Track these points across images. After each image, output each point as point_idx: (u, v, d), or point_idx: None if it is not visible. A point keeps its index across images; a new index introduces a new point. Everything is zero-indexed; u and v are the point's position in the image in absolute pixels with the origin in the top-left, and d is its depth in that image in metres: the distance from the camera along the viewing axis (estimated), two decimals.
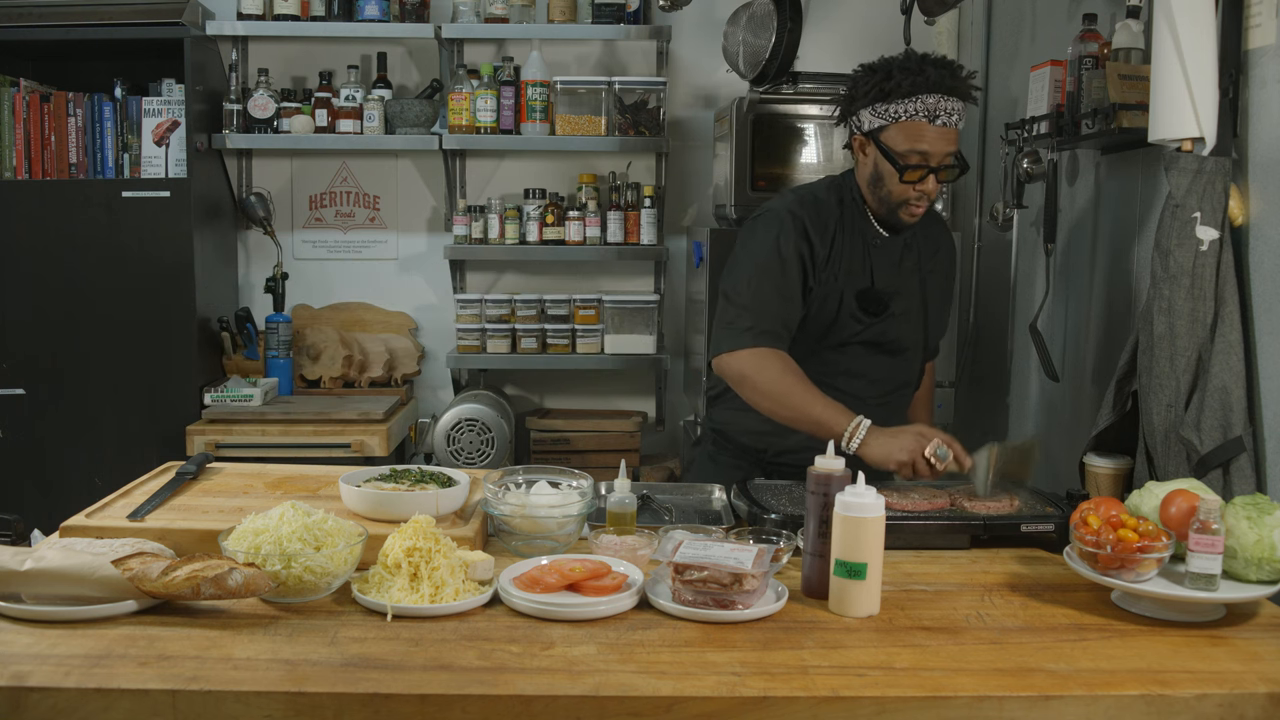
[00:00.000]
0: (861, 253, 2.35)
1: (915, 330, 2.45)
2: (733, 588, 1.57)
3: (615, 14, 3.74)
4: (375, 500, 1.85)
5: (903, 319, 2.40)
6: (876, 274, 2.35)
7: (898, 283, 2.38)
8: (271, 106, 3.70)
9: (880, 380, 2.40)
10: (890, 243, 2.38)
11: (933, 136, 2.20)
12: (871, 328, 2.35)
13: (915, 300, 2.43)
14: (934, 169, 2.22)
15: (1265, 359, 2.04)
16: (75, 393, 3.49)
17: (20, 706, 1.33)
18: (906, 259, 2.41)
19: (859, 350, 2.37)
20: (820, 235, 2.31)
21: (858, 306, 2.32)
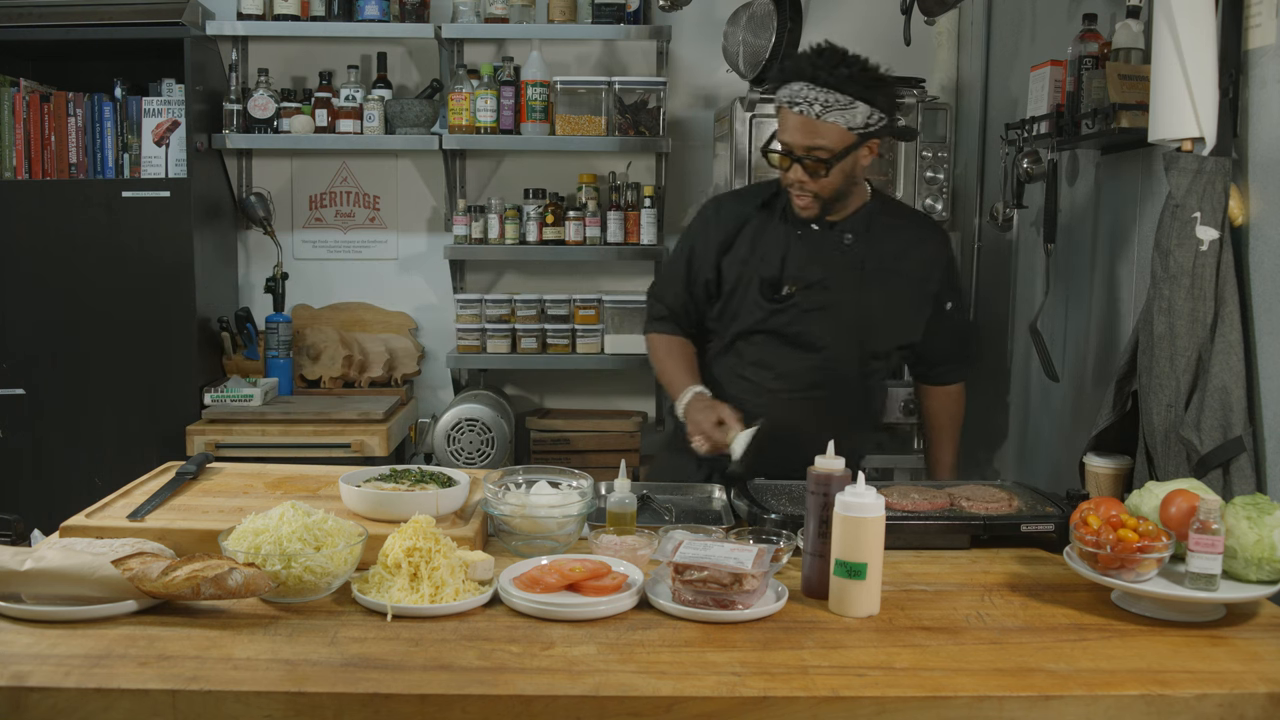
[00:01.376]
0: (781, 242, 2.34)
1: (839, 329, 2.35)
2: (733, 588, 1.57)
3: (615, 14, 3.74)
4: (375, 500, 1.85)
5: (818, 314, 2.33)
6: (790, 263, 2.32)
7: (817, 275, 2.32)
8: (271, 106, 3.70)
9: (790, 375, 2.36)
10: (821, 236, 2.33)
11: (790, 125, 2.19)
12: (775, 317, 2.33)
13: (847, 299, 2.35)
14: (797, 158, 2.20)
15: (1265, 359, 2.04)
16: (75, 393, 3.49)
17: (20, 706, 1.33)
18: (842, 256, 2.34)
19: (766, 341, 2.36)
20: (730, 224, 2.39)
21: (758, 292, 2.33)
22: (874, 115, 2.22)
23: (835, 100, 2.16)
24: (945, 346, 2.52)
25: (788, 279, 2.32)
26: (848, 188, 2.29)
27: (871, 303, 2.36)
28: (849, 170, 2.26)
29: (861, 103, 2.19)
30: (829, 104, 2.16)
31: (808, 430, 2.28)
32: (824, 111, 2.16)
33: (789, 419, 2.29)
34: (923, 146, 3.31)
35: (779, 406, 2.29)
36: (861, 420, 2.50)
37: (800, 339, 2.34)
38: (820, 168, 2.21)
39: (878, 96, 2.21)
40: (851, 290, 2.34)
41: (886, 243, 2.38)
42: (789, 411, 2.30)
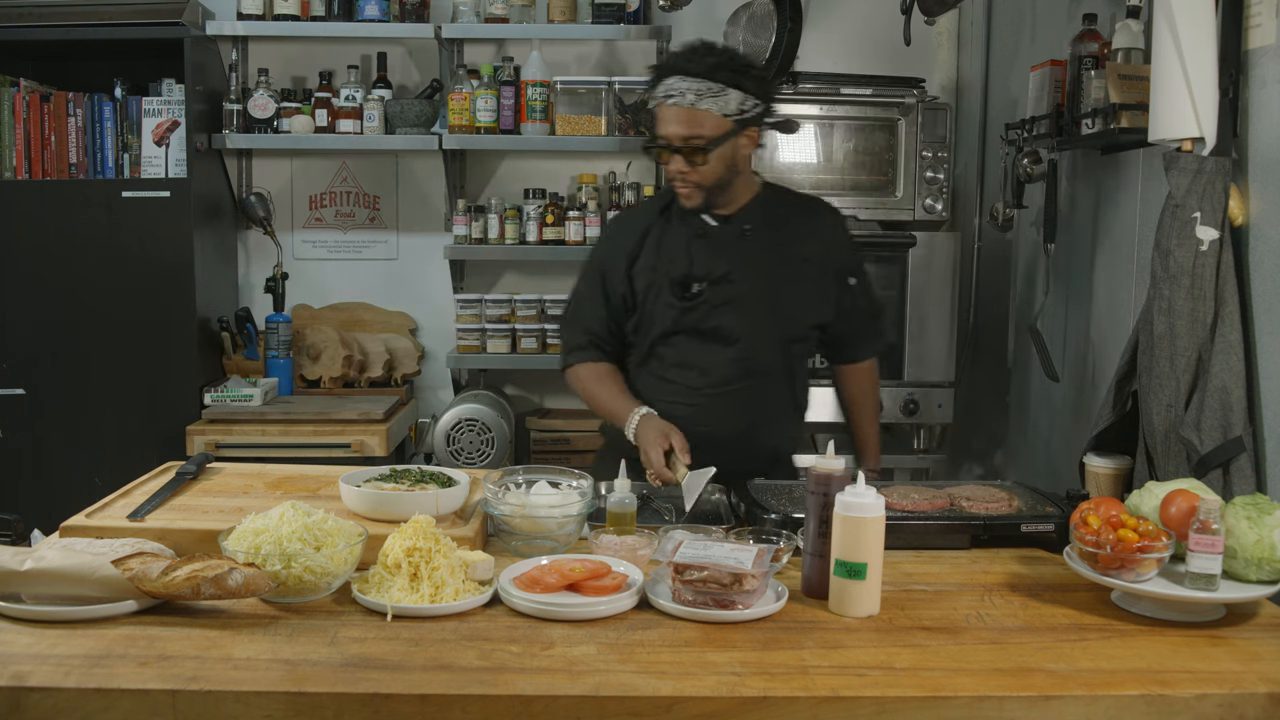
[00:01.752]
0: (684, 242, 2.38)
1: (752, 318, 2.38)
2: (733, 588, 1.57)
3: (615, 14, 3.74)
4: (375, 500, 1.85)
5: (729, 306, 2.36)
6: (695, 260, 2.37)
7: (724, 269, 2.36)
8: (271, 106, 3.70)
9: (713, 370, 2.38)
10: (723, 230, 2.38)
11: (667, 116, 2.25)
12: (688, 315, 2.37)
13: (755, 288, 2.38)
14: (676, 149, 2.26)
15: (1265, 359, 2.04)
16: (75, 393, 3.49)
17: (20, 706, 1.33)
18: (744, 247, 2.38)
19: (684, 340, 2.39)
20: (630, 236, 2.43)
21: (669, 294, 2.37)
22: (747, 101, 2.27)
23: (707, 88, 2.23)
24: (854, 324, 2.54)
25: (695, 276, 2.37)
26: (730, 176, 2.34)
27: (779, 288, 2.40)
28: (729, 158, 2.30)
29: (733, 89, 2.25)
30: (701, 92, 2.22)
31: (737, 424, 2.37)
32: (697, 100, 2.23)
33: (717, 415, 2.36)
34: (923, 146, 3.31)
35: (706, 404, 2.36)
36: (787, 408, 2.52)
37: (716, 333, 2.38)
38: (698, 155, 2.26)
39: (746, 82, 2.27)
40: (758, 279, 2.38)
41: (784, 228, 2.42)
42: (716, 407, 2.36)
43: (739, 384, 2.38)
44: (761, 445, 2.41)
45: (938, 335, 3.34)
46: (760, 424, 2.41)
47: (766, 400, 2.42)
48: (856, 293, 2.50)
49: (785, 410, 2.49)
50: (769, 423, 2.43)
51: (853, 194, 3.34)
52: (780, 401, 2.47)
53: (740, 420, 2.37)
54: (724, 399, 2.37)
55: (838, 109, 3.31)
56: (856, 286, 2.50)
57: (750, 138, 2.32)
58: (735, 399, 2.38)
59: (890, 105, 3.31)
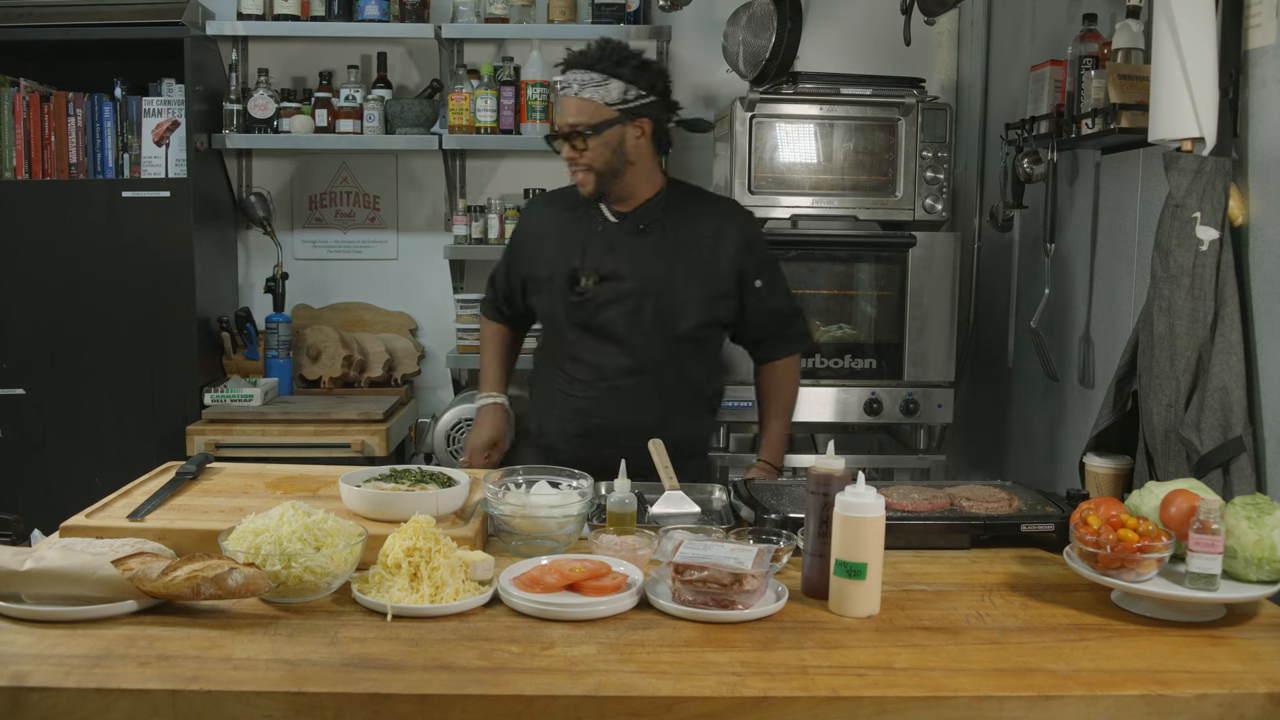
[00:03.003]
0: (582, 237, 2.47)
1: (638, 318, 2.43)
2: (733, 588, 1.57)
3: (615, 14, 3.74)
4: (375, 500, 1.85)
5: (615, 305, 2.43)
6: (588, 256, 2.45)
7: (611, 266, 2.43)
8: (271, 106, 3.70)
9: (599, 367, 2.46)
10: (619, 228, 2.46)
11: (559, 107, 2.43)
12: (576, 311, 2.45)
13: (642, 286, 2.43)
14: (563, 135, 2.39)
15: (1265, 359, 2.04)
16: (75, 393, 3.49)
17: (20, 706, 1.33)
18: (638, 245, 2.44)
19: (575, 335, 2.48)
20: (541, 222, 2.59)
21: (563, 284, 2.48)
22: (630, 91, 2.37)
23: (590, 78, 2.36)
24: (764, 324, 2.57)
25: (584, 272, 2.45)
26: (619, 166, 2.41)
27: (668, 288, 2.44)
28: (614, 145, 2.39)
29: (614, 79, 2.36)
30: (585, 82, 2.36)
31: (627, 419, 2.43)
32: (581, 89, 2.37)
33: (607, 409, 2.46)
34: (923, 146, 3.31)
35: (598, 397, 2.47)
36: (684, 403, 2.53)
37: (603, 331, 2.45)
38: (580, 141, 2.38)
39: (626, 72, 2.37)
40: (648, 279, 2.44)
41: (684, 227, 2.47)
42: (607, 401, 2.46)
43: (626, 380, 2.45)
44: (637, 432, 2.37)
45: (938, 335, 3.34)
46: (652, 419, 2.42)
47: (658, 396, 2.47)
48: (764, 295, 2.53)
49: (681, 405, 2.51)
50: (663, 418, 2.45)
51: (853, 194, 3.34)
52: (675, 397, 2.50)
53: (630, 416, 2.44)
54: (614, 394, 2.45)
55: (838, 109, 3.31)
56: (763, 289, 2.53)
57: (640, 129, 2.40)
58: (624, 395, 2.46)
59: (890, 105, 3.31)
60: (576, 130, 2.36)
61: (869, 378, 3.36)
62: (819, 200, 3.33)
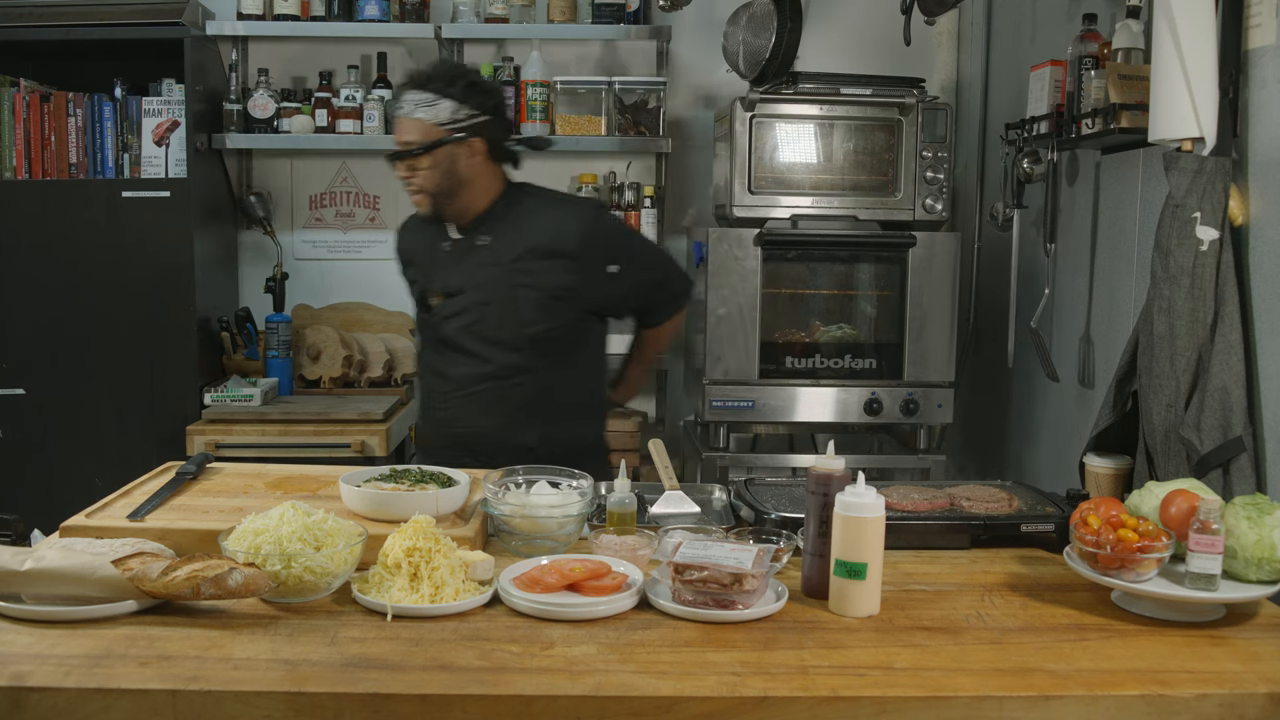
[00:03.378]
0: (432, 256, 2.54)
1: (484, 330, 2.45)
2: (733, 588, 1.57)
3: (615, 14, 3.74)
4: (375, 500, 1.85)
5: (460, 319, 2.47)
6: (435, 276, 2.52)
7: (458, 283, 2.48)
8: (271, 106, 3.70)
9: (454, 377, 2.52)
10: (463, 244, 2.50)
11: (398, 127, 2.42)
12: (428, 327, 2.57)
13: (484, 298, 2.45)
14: (398, 155, 2.40)
15: (1265, 359, 2.04)
16: (75, 393, 3.49)
17: (20, 706, 1.33)
18: (477, 259, 2.47)
19: (435, 348, 2.57)
20: (406, 247, 2.67)
21: (417, 307, 2.61)
22: (460, 111, 2.37)
23: (422, 98, 2.37)
24: (635, 303, 2.62)
25: (431, 292, 2.54)
26: (454, 186, 2.42)
27: (507, 295, 2.44)
28: (446, 165, 2.39)
29: (445, 99, 2.37)
30: (418, 102, 2.37)
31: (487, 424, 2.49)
32: (412, 109, 2.38)
33: (468, 415, 2.51)
34: (923, 146, 3.31)
35: (458, 405, 2.52)
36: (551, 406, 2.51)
37: (451, 344, 2.50)
38: (415, 161, 2.39)
39: (456, 91, 2.38)
40: (484, 288, 2.46)
41: (520, 233, 2.47)
42: (467, 409, 2.51)
43: (479, 387, 2.49)
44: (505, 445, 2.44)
45: (938, 335, 3.34)
46: (511, 423, 2.48)
47: (512, 400, 2.49)
48: (624, 277, 2.52)
49: (543, 408, 2.50)
50: (512, 423, 2.48)
51: (853, 194, 3.34)
52: (534, 400, 2.49)
53: (485, 421, 2.49)
54: (471, 401, 2.50)
55: (838, 109, 3.32)
56: (622, 272, 2.51)
57: (473, 148, 2.40)
58: (480, 401, 2.50)
59: (890, 105, 3.31)
60: (409, 150, 2.38)
61: (869, 378, 3.36)
62: (819, 200, 3.33)
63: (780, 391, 3.35)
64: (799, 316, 3.39)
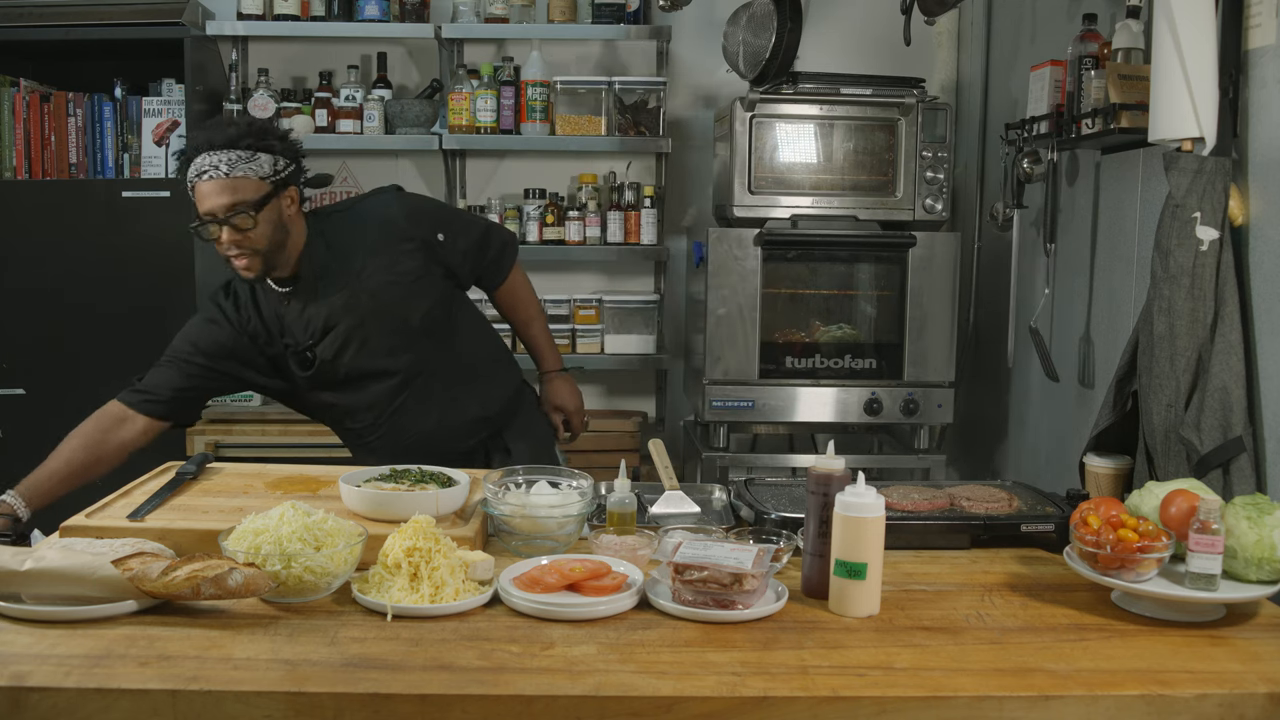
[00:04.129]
0: (281, 322, 2.39)
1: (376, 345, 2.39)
2: (733, 588, 1.57)
3: (615, 14, 3.74)
4: (375, 500, 1.85)
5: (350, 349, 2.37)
6: (296, 333, 2.38)
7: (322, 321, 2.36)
8: (271, 106, 3.70)
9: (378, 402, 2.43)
10: (299, 290, 2.38)
11: (203, 193, 2.24)
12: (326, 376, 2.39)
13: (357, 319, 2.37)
14: (222, 221, 2.25)
15: (1265, 359, 2.04)
16: (75, 393, 3.47)
17: (20, 706, 1.33)
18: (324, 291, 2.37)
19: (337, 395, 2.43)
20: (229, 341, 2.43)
21: (296, 367, 2.39)
22: (279, 162, 2.29)
23: (237, 156, 2.24)
24: (471, 262, 2.55)
25: (306, 345, 2.38)
26: (282, 238, 2.33)
27: (377, 300, 2.39)
28: (275, 220, 2.30)
29: (262, 153, 2.26)
30: (233, 161, 2.23)
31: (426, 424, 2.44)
32: (231, 168, 2.23)
33: (406, 431, 2.44)
34: (923, 146, 3.31)
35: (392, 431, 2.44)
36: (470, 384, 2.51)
37: (357, 376, 2.40)
38: (247, 221, 2.25)
39: (273, 143, 2.29)
40: (358, 310, 2.38)
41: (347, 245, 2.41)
42: (402, 426, 2.44)
43: (401, 398, 2.43)
44: (462, 427, 2.46)
45: (938, 335, 3.34)
46: (449, 413, 2.46)
47: (441, 391, 2.46)
48: (451, 243, 2.49)
49: (470, 388, 2.50)
50: (458, 407, 2.47)
51: (853, 194, 3.34)
52: (457, 383, 2.49)
53: (429, 418, 2.44)
54: (402, 414, 2.43)
55: (838, 109, 3.32)
56: (447, 238, 2.49)
57: (291, 197, 2.33)
58: (411, 408, 2.43)
59: (890, 105, 3.31)
60: (238, 210, 2.23)
61: (869, 378, 3.36)
62: (819, 200, 3.33)
63: (780, 391, 3.35)
64: (799, 316, 3.39)
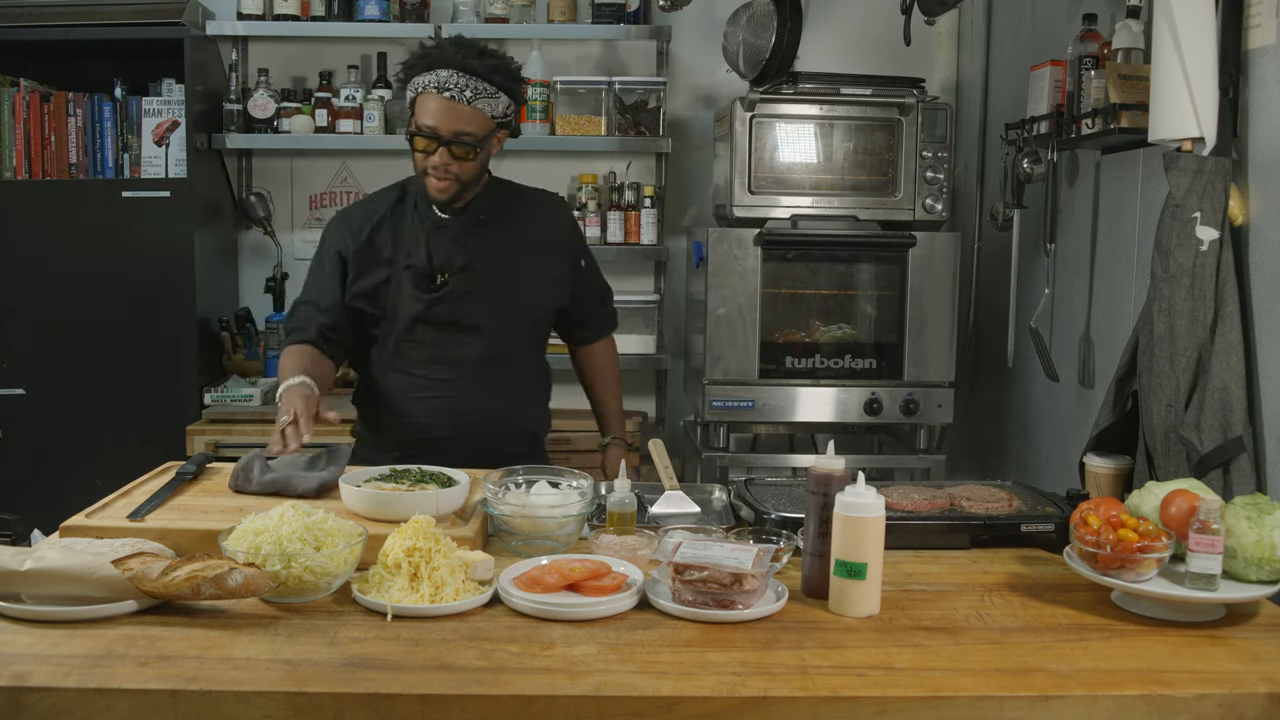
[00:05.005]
0: (421, 235, 2.40)
1: (495, 306, 2.42)
2: (733, 588, 1.57)
3: (615, 14, 3.74)
4: (375, 500, 1.85)
5: (473, 296, 2.40)
6: (436, 252, 2.39)
7: (462, 260, 2.39)
8: (271, 106, 3.70)
9: (462, 361, 2.42)
10: (455, 222, 2.41)
11: (437, 109, 2.26)
12: (434, 308, 2.39)
13: (496, 275, 2.42)
14: (445, 142, 2.26)
15: (1265, 359, 2.04)
16: (75, 393, 3.49)
17: (20, 706, 1.33)
18: (481, 237, 2.42)
19: (432, 334, 2.41)
20: (362, 228, 2.42)
21: (411, 284, 2.39)
22: (511, 107, 2.34)
23: (483, 88, 2.27)
24: (588, 304, 2.63)
25: (438, 268, 2.40)
26: (483, 175, 2.40)
27: (517, 275, 2.44)
28: (486, 158, 2.36)
29: (504, 93, 2.31)
30: (478, 91, 2.26)
31: (490, 409, 2.43)
32: (474, 98, 2.26)
33: (471, 402, 2.42)
34: (923, 146, 3.31)
35: (460, 394, 2.42)
36: (535, 389, 2.58)
37: (463, 324, 2.42)
38: (469, 152, 2.28)
39: (515, 88, 2.34)
40: (497, 267, 2.43)
41: (515, 217, 2.47)
42: (470, 395, 2.43)
43: (488, 370, 2.44)
44: (515, 427, 2.48)
45: (938, 335, 3.34)
46: (513, 407, 2.48)
47: (516, 383, 2.49)
48: (586, 274, 2.59)
49: (533, 391, 2.57)
50: (521, 405, 2.50)
51: (853, 194, 3.34)
52: (528, 383, 2.54)
53: (493, 405, 2.43)
54: (477, 387, 2.43)
55: (838, 109, 3.31)
56: (588, 268, 2.58)
57: (500, 140, 2.37)
58: (487, 386, 2.44)
59: (890, 105, 3.31)
60: (462, 140, 2.26)
61: (869, 378, 3.36)
62: (819, 200, 3.33)
63: (780, 391, 3.35)
64: (799, 316, 3.39)
